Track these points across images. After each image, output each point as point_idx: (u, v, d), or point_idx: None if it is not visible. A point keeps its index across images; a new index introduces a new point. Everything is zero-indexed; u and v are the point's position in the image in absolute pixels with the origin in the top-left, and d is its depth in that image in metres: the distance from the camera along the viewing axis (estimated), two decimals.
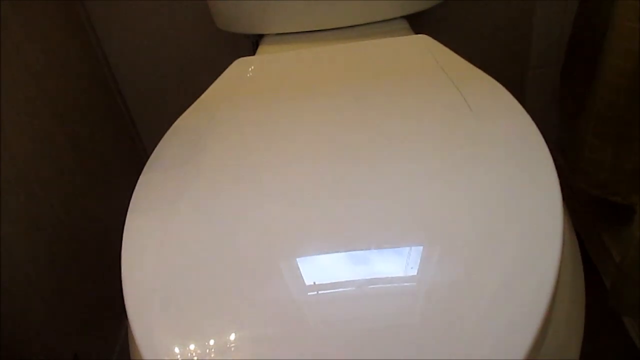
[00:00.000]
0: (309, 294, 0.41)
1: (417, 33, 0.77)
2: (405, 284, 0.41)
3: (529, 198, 0.45)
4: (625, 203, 0.77)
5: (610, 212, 0.92)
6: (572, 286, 0.46)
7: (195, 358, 0.37)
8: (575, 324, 0.45)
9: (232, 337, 0.38)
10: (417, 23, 0.85)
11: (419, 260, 0.41)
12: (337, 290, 0.41)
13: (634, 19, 0.64)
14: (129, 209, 0.51)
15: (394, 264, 0.42)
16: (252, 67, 0.74)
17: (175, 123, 0.63)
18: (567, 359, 0.43)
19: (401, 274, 0.41)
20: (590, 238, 0.95)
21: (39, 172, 0.77)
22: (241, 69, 0.74)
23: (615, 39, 0.68)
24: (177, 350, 0.38)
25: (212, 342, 0.38)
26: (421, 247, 0.43)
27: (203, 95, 0.68)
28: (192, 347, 0.38)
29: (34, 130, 0.77)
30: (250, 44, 0.94)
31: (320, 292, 0.41)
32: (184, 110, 0.65)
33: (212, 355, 0.37)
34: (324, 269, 0.42)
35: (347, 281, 0.41)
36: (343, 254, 0.43)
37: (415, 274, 0.40)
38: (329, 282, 0.41)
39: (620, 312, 0.66)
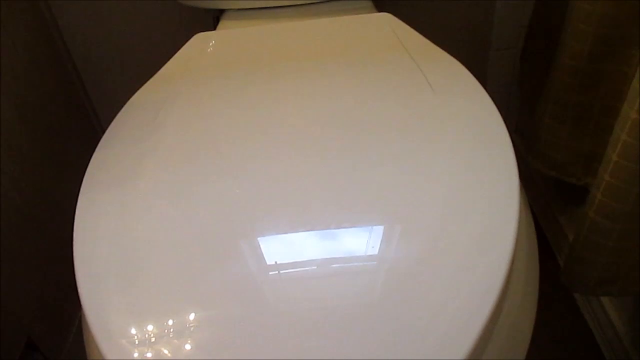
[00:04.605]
0: (270, 273, 0.40)
1: (380, 12, 0.76)
2: (366, 263, 0.41)
3: (487, 178, 0.45)
4: (580, 184, 0.79)
5: (566, 194, 0.94)
6: (527, 265, 0.47)
7: (153, 339, 0.37)
8: (528, 304, 0.46)
9: (192, 316, 0.38)
10: (380, 3, 0.84)
11: (379, 240, 0.41)
12: (298, 269, 0.41)
13: (590, 1, 0.65)
14: (82, 185, 0.49)
15: (355, 244, 0.42)
16: (212, 42, 0.72)
17: (132, 98, 0.61)
18: (519, 337, 0.44)
19: (362, 254, 0.41)
20: (547, 219, 0.97)
21: None
22: (200, 44, 0.72)
23: (572, 20, 0.69)
24: (133, 331, 0.37)
25: (170, 322, 0.37)
26: (382, 227, 0.43)
27: (161, 70, 0.66)
28: (149, 327, 0.37)
29: None
30: (211, 20, 0.92)
31: (281, 271, 0.40)
32: (142, 85, 0.63)
33: (170, 335, 0.37)
34: (285, 248, 0.42)
35: (308, 260, 0.41)
36: (304, 233, 0.43)
37: (376, 253, 0.41)
38: (290, 261, 0.41)
39: (572, 289, 0.68)
